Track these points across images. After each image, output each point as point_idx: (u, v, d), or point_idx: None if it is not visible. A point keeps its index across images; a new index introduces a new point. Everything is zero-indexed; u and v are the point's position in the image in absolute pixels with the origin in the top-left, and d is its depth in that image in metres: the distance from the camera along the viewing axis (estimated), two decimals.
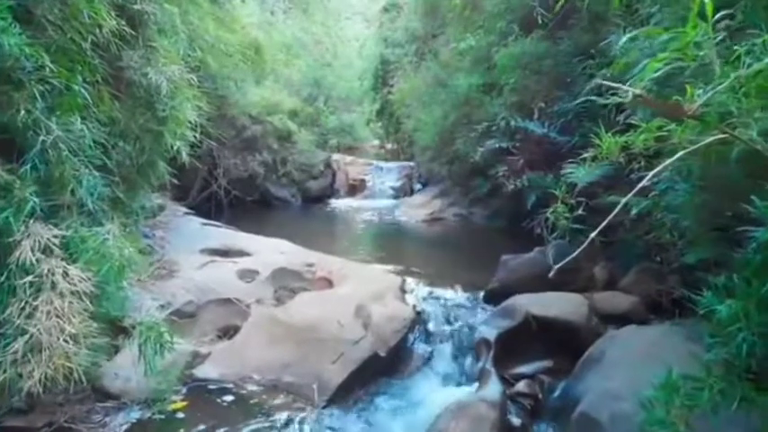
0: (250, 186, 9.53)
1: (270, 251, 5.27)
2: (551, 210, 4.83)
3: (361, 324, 3.71)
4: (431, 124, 9.20)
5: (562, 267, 4.24)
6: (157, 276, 4.64)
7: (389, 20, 16.30)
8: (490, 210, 8.17)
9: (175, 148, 4.17)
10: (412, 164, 12.24)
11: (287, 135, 9.79)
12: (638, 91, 1.76)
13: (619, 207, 2.06)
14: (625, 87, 1.79)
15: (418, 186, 11.71)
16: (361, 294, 4.16)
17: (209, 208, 8.86)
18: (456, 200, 8.89)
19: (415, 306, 4.20)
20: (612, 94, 3.84)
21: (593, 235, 2.09)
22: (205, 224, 5.92)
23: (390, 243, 6.89)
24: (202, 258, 4.98)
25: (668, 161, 2.01)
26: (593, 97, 5.55)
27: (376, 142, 19.10)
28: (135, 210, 4.16)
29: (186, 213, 6.36)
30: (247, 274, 4.74)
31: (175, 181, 6.93)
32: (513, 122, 5.78)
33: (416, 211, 8.82)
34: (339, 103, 18.47)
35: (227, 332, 4.26)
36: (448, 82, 8.61)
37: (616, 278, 4.62)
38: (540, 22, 5.97)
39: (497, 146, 6.46)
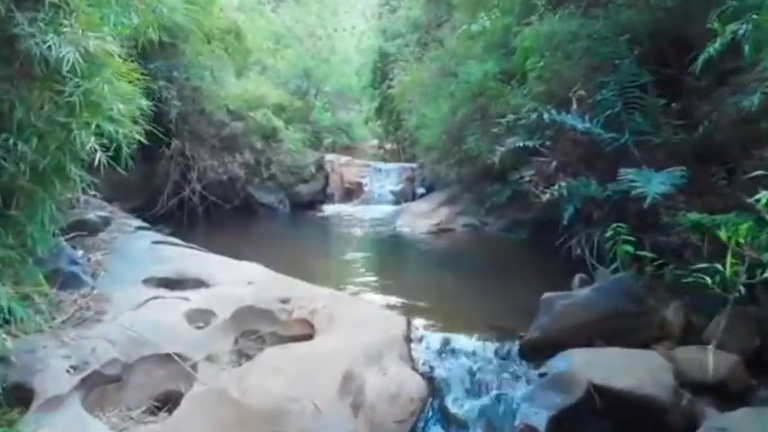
0: (230, 191, 8.32)
1: (235, 280, 4.07)
2: (610, 231, 3.65)
3: (348, 406, 2.52)
4: (436, 120, 8.06)
5: (624, 309, 3.06)
6: (78, 321, 3.45)
7: (389, 11, 15.17)
8: (508, 220, 6.99)
9: (89, 146, 2.97)
10: (414, 165, 11.08)
11: (272, 133, 8.58)
12: None
13: None
14: None
15: (421, 190, 10.54)
16: (351, 350, 2.97)
17: (181, 216, 7.68)
18: (466, 207, 7.70)
19: (427, 370, 3.01)
20: None
21: None
22: (157, 242, 4.72)
23: (390, 263, 5.70)
24: (144, 292, 3.79)
25: None
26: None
27: (375, 142, 17.99)
28: (31, 234, 2.95)
29: (139, 228, 5.16)
30: (200, 316, 3.55)
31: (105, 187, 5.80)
32: (546, 116, 4.58)
33: (420, 220, 7.62)
34: (336, 101, 17.37)
35: (166, 403, 3.07)
36: (457, 71, 7.43)
37: (696, 325, 3.42)
38: None
39: (521, 144, 5.26)
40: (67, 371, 3.03)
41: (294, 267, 5.37)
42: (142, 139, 4.62)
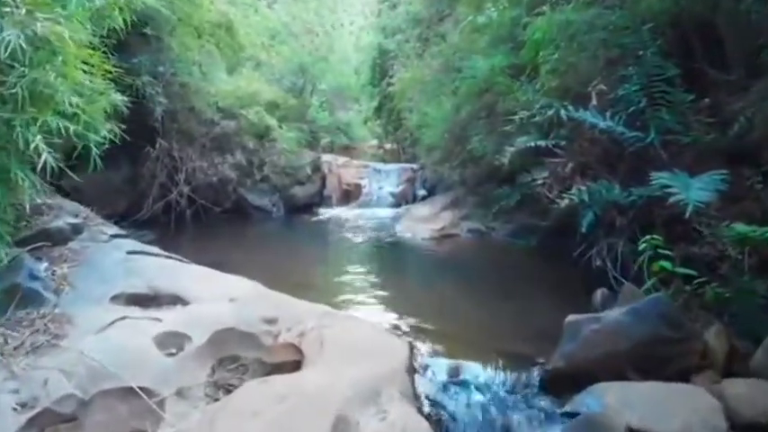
0: (220, 194, 7.88)
1: (216, 297, 3.63)
2: (643, 243, 3.19)
3: None
4: (439, 119, 7.64)
5: (661, 336, 2.63)
6: (31, 348, 3.01)
7: (389, 7, 14.75)
8: (515, 225, 6.54)
9: (33, 144, 2.52)
10: (414, 166, 10.65)
11: (265, 132, 8.13)
12: None
13: None
14: None
15: (422, 192, 10.10)
16: (344, 387, 2.52)
17: (168, 221, 7.24)
18: (470, 211, 7.26)
19: (433, 409, 2.57)
20: None
21: None
22: (133, 252, 4.26)
23: (390, 273, 5.23)
24: (111, 312, 3.34)
25: None
26: None
27: (374, 142, 17.59)
28: None
29: (115, 236, 4.70)
30: (172, 341, 3.10)
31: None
32: (563, 112, 4.14)
33: (422, 225, 7.17)
34: (335, 100, 16.98)
35: None
36: (461, 67, 6.99)
37: (741, 351, 2.97)
38: None
39: (533, 144, 4.82)
40: (14, 408, 2.60)
41: (286, 277, 4.95)
42: (114, 139, 4.20)
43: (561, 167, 4.52)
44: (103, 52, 4.26)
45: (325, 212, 9.08)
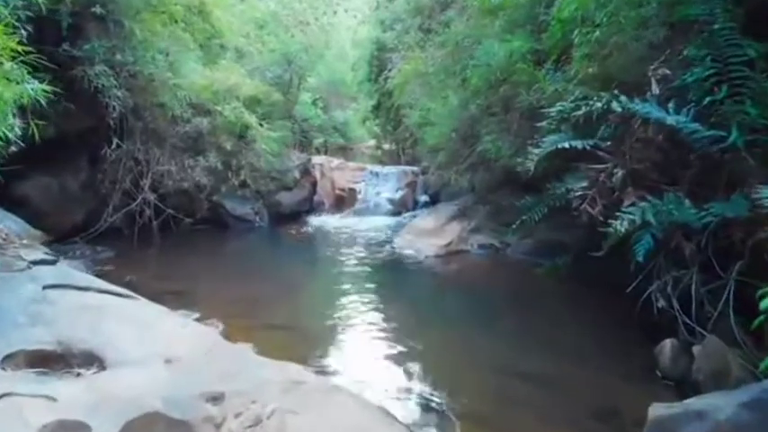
0: (194, 202, 6.88)
1: (148, 353, 2.66)
2: (763, 293, 2.13)
3: None
4: (444, 116, 6.70)
5: None
6: None
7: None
8: (535, 241, 5.57)
9: None
10: (415, 169, 9.70)
11: (244, 131, 7.12)
12: None
13: None
14: None
15: (424, 198, 9.15)
16: None
17: (131, 234, 6.24)
18: (481, 223, 6.30)
19: None
20: None
21: None
22: (51, 287, 3.26)
23: (387, 308, 4.10)
24: None
25: None
26: None
27: (372, 142, 16.66)
28: None
29: (37, 262, 3.70)
30: None
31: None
32: (615, 105, 3.15)
33: (426, 240, 6.18)
34: (331, 98, 16.02)
35: None
36: (472, 54, 6.00)
37: None
38: None
39: (567, 146, 3.83)
40: None
41: (258, 314, 3.95)
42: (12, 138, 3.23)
43: (606, 176, 3.53)
44: (14, 27, 3.31)
45: (315, 221, 8.10)
